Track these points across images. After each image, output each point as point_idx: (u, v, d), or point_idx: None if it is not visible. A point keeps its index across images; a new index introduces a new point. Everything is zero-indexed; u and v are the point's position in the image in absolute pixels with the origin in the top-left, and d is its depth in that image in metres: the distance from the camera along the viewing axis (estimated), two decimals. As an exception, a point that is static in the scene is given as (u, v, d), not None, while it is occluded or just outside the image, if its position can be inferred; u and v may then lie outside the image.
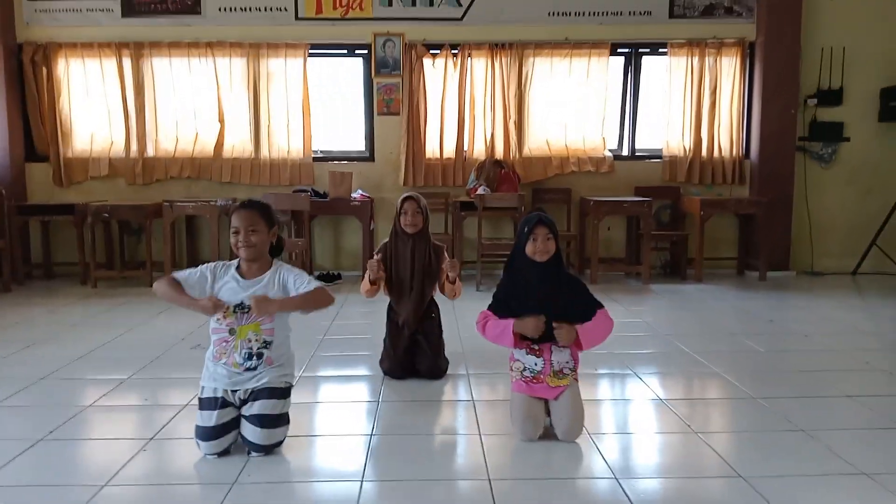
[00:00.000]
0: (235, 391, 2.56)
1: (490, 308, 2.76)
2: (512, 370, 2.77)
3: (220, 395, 2.54)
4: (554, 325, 2.62)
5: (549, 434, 2.72)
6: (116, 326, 4.58)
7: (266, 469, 2.46)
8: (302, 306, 2.57)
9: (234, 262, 2.63)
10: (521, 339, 2.69)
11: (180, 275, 2.57)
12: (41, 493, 2.28)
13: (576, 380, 2.75)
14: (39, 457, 2.56)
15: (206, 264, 2.64)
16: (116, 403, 3.17)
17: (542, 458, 2.57)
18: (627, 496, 2.23)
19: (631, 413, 3.10)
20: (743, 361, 3.79)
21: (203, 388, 2.59)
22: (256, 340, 2.54)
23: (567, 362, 2.71)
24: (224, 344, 2.56)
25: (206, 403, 2.55)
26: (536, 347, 2.69)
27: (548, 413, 2.76)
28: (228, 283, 2.56)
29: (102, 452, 2.65)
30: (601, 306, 2.70)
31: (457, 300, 3.51)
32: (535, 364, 2.70)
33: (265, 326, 2.55)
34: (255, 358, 2.54)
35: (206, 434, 2.51)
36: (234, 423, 2.55)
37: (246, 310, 2.53)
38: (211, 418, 2.51)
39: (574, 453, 2.59)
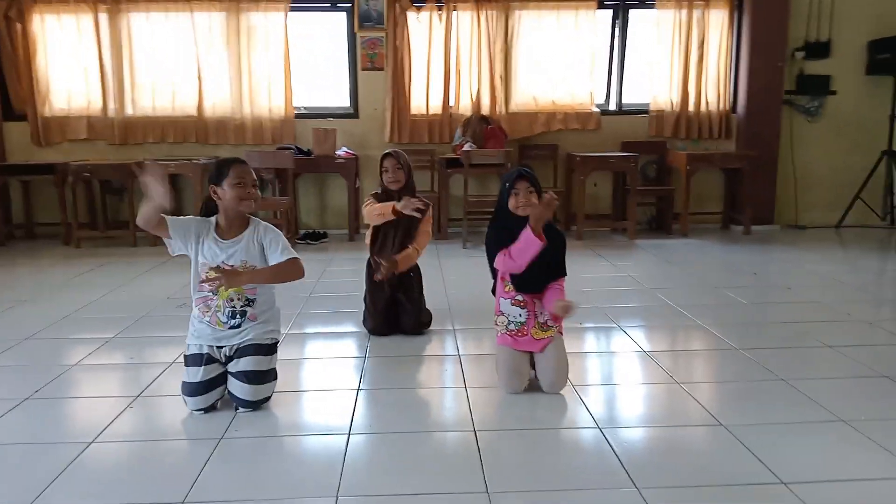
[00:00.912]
0: (221, 347, 2.56)
1: (494, 254, 2.70)
2: (497, 324, 2.78)
3: (205, 351, 2.55)
4: (557, 301, 2.62)
5: (534, 387, 2.75)
6: (101, 286, 4.56)
7: (254, 424, 2.47)
8: (271, 279, 2.58)
9: (213, 220, 2.59)
10: (515, 288, 2.69)
11: (169, 217, 2.53)
12: (29, 450, 2.29)
13: (560, 333, 2.77)
14: (26, 415, 2.56)
15: (193, 217, 2.60)
16: (102, 362, 3.17)
17: (526, 409, 2.60)
18: (611, 445, 2.27)
19: (615, 365, 3.14)
20: (726, 314, 3.83)
21: (188, 345, 2.60)
22: (239, 299, 2.54)
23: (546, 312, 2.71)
24: (207, 303, 2.55)
25: (191, 360, 2.56)
26: (521, 299, 2.69)
27: (533, 366, 2.78)
28: (208, 244, 2.54)
29: (89, 410, 2.66)
30: (563, 275, 2.71)
31: (442, 258, 3.50)
32: (520, 315, 2.71)
33: (247, 286, 2.54)
34: (238, 316, 2.55)
35: (192, 390, 2.52)
36: (220, 379, 2.56)
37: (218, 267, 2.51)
38: (197, 374, 2.52)
39: (558, 405, 2.62)
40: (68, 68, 6.41)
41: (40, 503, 1.95)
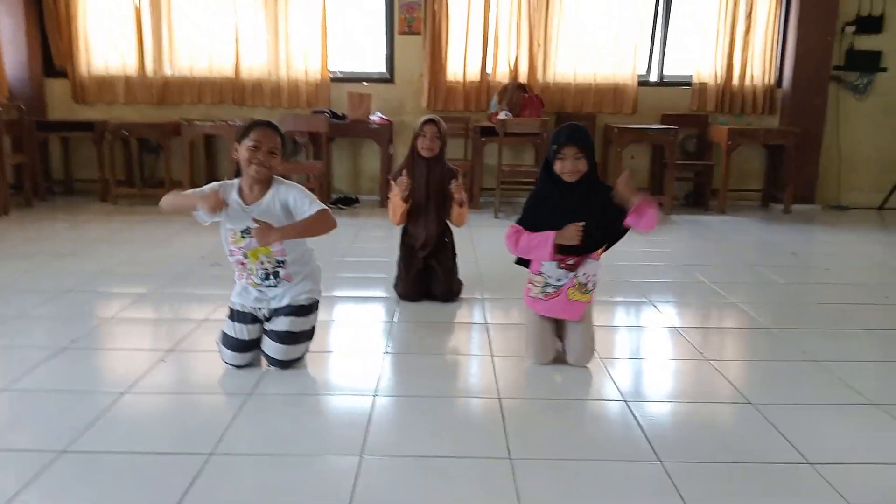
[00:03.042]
0: (260, 309, 2.59)
1: (519, 223, 2.64)
2: (532, 284, 2.69)
3: (248, 310, 2.58)
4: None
5: (560, 358, 2.74)
6: (137, 243, 4.64)
7: (283, 381, 2.51)
8: (303, 234, 2.50)
9: (235, 182, 2.55)
10: (556, 252, 2.57)
11: (185, 192, 2.53)
12: (64, 397, 2.35)
13: (590, 302, 2.71)
14: (63, 364, 2.63)
15: (210, 184, 2.55)
16: (137, 316, 3.24)
17: (552, 380, 2.59)
18: (636, 418, 2.25)
19: (644, 340, 3.11)
20: (762, 293, 3.77)
21: (233, 301, 2.62)
22: (269, 262, 2.53)
23: (594, 275, 2.64)
24: (241, 266, 2.57)
25: (237, 316, 2.58)
26: (572, 262, 2.60)
27: (560, 338, 2.77)
28: (232, 207, 2.49)
29: (123, 362, 2.72)
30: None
31: (474, 228, 3.48)
32: (560, 280, 2.63)
33: (274, 249, 2.50)
34: (272, 277, 2.55)
35: (233, 345, 2.56)
36: (259, 342, 2.60)
37: (252, 234, 2.47)
38: (242, 332, 2.56)
39: (585, 377, 2.61)
40: (108, 28, 6.45)
41: (74, 449, 2.00)
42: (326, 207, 2.49)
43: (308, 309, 2.60)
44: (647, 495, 1.83)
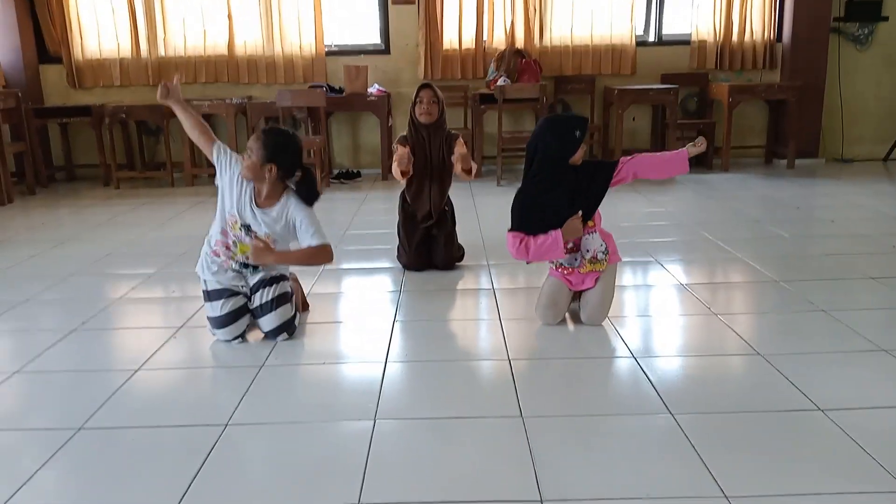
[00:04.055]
0: (242, 286, 2.64)
1: (515, 229, 2.58)
2: (551, 263, 2.74)
3: (224, 286, 2.61)
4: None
5: (569, 318, 2.75)
6: (141, 225, 4.64)
7: (293, 353, 2.53)
8: (299, 262, 2.67)
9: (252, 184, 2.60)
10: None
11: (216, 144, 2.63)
12: (79, 377, 2.38)
13: (614, 262, 2.70)
14: (74, 345, 2.65)
15: (238, 157, 2.61)
16: (145, 296, 3.25)
17: (561, 340, 2.61)
18: (646, 374, 2.27)
19: (652, 298, 3.11)
20: (767, 247, 3.76)
21: (205, 281, 2.64)
22: (250, 260, 2.60)
23: (600, 246, 2.64)
24: (226, 249, 2.60)
25: (214, 295, 2.61)
26: (571, 246, 2.62)
27: (575, 298, 2.76)
28: (245, 200, 2.55)
29: (134, 340, 2.74)
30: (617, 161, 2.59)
31: (476, 195, 3.47)
32: (572, 263, 2.67)
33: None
34: (249, 268, 2.62)
35: (219, 322, 2.59)
36: (244, 309, 2.62)
37: (250, 233, 2.55)
38: (224, 306, 2.58)
39: (594, 335, 2.62)
40: (101, 10, 6.38)
41: (90, 425, 2.03)
42: (328, 243, 2.56)
43: (281, 277, 2.66)
44: (660, 447, 1.85)
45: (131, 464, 1.84)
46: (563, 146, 2.50)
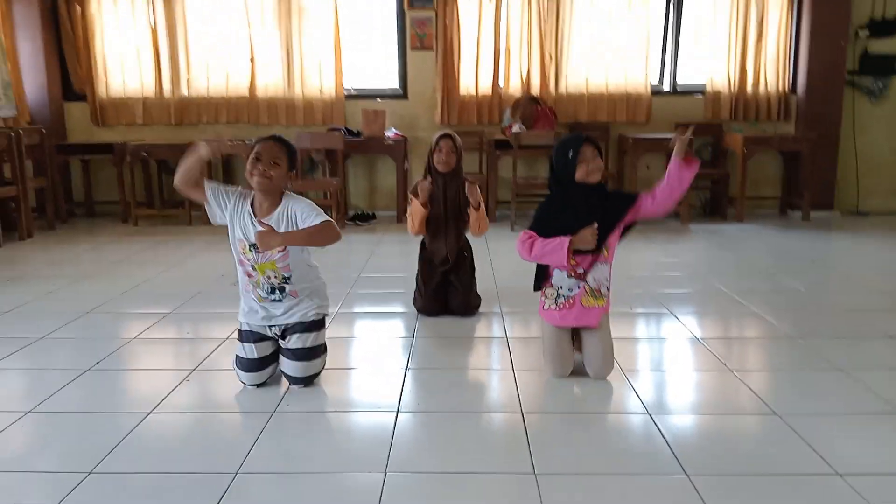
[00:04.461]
0: (271, 327, 2.61)
1: (531, 229, 2.63)
2: (545, 297, 2.71)
3: (255, 329, 2.60)
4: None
5: (581, 371, 2.73)
6: (158, 263, 4.69)
7: (305, 399, 2.52)
8: (307, 241, 2.51)
9: (250, 194, 2.57)
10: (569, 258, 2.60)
11: (208, 182, 2.57)
12: (91, 418, 2.37)
13: (606, 311, 2.70)
14: (87, 385, 2.66)
15: (233, 188, 2.60)
16: (160, 336, 3.26)
17: (575, 393, 2.58)
18: (661, 431, 2.24)
19: (666, 352, 3.09)
20: (782, 301, 3.74)
21: (241, 322, 2.65)
22: (276, 277, 2.55)
23: (605, 279, 2.64)
24: (248, 278, 2.59)
25: (245, 336, 2.61)
26: (582, 271, 2.61)
27: (578, 349, 2.76)
28: (244, 217, 2.53)
29: (147, 382, 2.75)
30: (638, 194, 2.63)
31: (490, 241, 3.48)
32: (572, 290, 2.63)
33: (280, 264, 2.52)
34: (277, 291, 2.57)
35: (245, 365, 2.59)
36: (273, 357, 2.62)
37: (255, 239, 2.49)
38: (252, 351, 2.58)
39: (607, 390, 2.60)
40: (125, 50, 6.56)
41: (101, 469, 2.02)
42: (332, 220, 2.51)
43: (317, 324, 2.62)
44: (675, 509, 1.82)
45: (141, 512, 1.83)
46: (564, 166, 2.59)
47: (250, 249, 2.53)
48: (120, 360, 2.94)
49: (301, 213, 2.51)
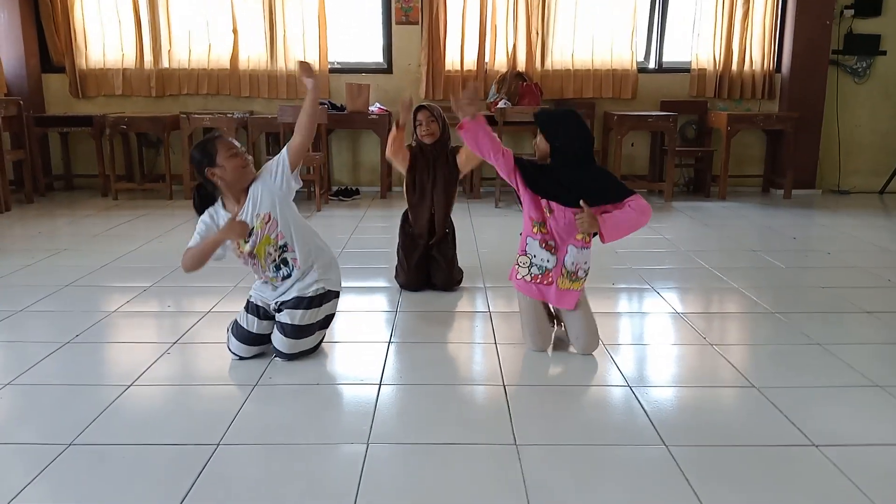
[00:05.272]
0: (271, 305, 2.62)
1: (519, 160, 2.63)
2: (518, 265, 2.69)
3: (262, 304, 2.61)
4: (574, 213, 2.50)
5: (563, 345, 2.74)
6: (138, 237, 4.64)
7: (288, 372, 2.51)
8: (310, 125, 2.57)
9: (218, 204, 2.54)
10: (542, 228, 2.60)
11: (193, 242, 2.52)
12: (70, 391, 2.36)
13: (582, 289, 2.70)
14: (67, 358, 2.64)
15: (199, 217, 2.56)
16: (140, 310, 3.24)
17: (556, 366, 2.60)
18: (640, 403, 2.26)
19: (647, 326, 3.11)
20: (763, 277, 3.77)
21: (251, 295, 2.66)
22: (275, 250, 2.54)
23: (584, 263, 2.65)
24: (255, 267, 2.59)
25: (251, 308, 2.62)
26: (552, 244, 2.61)
27: (557, 322, 2.77)
28: (222, 222, 2.50)
29: (128, 354, 2.72)
30: (632, 192, 2.53)
31: (475, 216, 3.47)
32: (547, 261, 2.62)
33: (273, 234, 2.51)
34: (283, 267, 2.55)
35: (242, 336, 2.59)
36: (269, 338, 2.61)
37: (249, 234, 2.49)
38: (253, 324, 2.59)
39: (589, 363, 2.62)
40: (105, 21, 6.43)
41: (81, 441, 2.01)
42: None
43: (317, 300, 2.58)
44: (654, 479, 1.84)
45: (121, 482, 1.82)
46: (570, 137, 2.61)
47: (245, 243, 2.51)
48: (100, 333, 2.92)
49: (269, 170, 2.51)
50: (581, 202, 2.49)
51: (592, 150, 2.63)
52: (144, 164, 6.64)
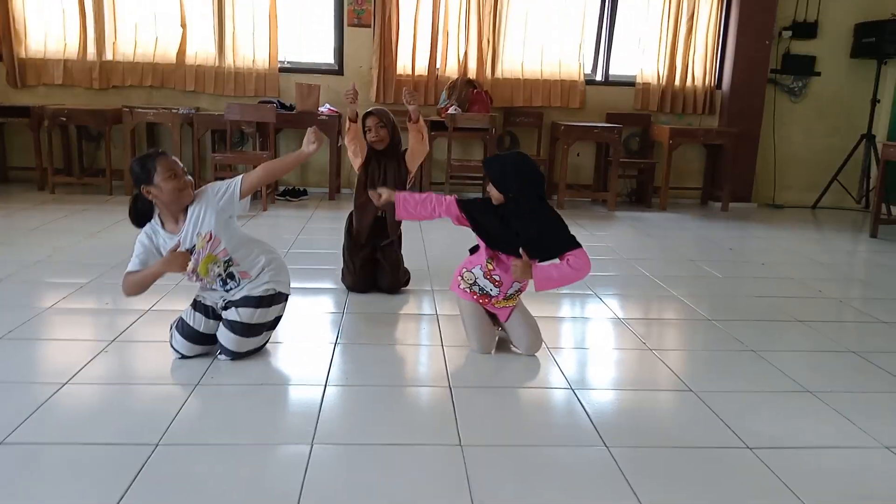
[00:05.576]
0: (219, 304, 2.57)
1: (464, 206, 2.63)
2: (461, 277, 2.74)
3: (210, 304, 2.56)
4: (512, 261, 2.57)
5: (508, 347, 2.78)
6: (76, 232, 4.49)
7: (230, 372, 2.47)
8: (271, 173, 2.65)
9: (155, 220, 2.49)
10: (494, 267, 2.65)
11: (133, 265, 2.46)
12: (2, 388, 2.27)
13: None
14: (-2, 355, 2.54)
15: (137, 239, 2.51)
16: (76, 306, 3.14)
17: (501, 368, 2.63)
18: (582, 405, 2.31)
19: (589, 330, 3.18)
20: (701, 286, 3.89)
21: (199, 294, 2.60)
22: (219, 267, 2.49)
23: (522, 289, 2.74)
24: (200, 283, 2.55)
25: (200, 307, 2.56)
26: (498, 279, 2.65)
27: (498, 325, 2.81)
28: (163, 244, 2.45)
29: (63, 352, 2.64)
30: (577, 246, 2.55)
31: (424, 222, 3.47)
32: (490, 290, 2.69)
33: (216, 251, 2.46)
34: (229, 280, 2.52)
35: (187, 333, 2.53)
36: (214, 339, 2.56)
37: (190, 252, 2.42)
38: (199, 322, 2.53)
39: (533, 365, 2.66)
40: (47, 8, 6.20)
41: (13, 440, 1.94)
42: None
43: (265, 301, 2.54)
44: (595, 479, 1.88)
45: (55, 482, 1.76)
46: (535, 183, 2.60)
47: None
48: (33, 329, 2.82)
49: (216, 195, 2.45)
50: (521, 250, 2.53)
51: (544, 192, 2.63)
52: (84, 157, 6.43)
